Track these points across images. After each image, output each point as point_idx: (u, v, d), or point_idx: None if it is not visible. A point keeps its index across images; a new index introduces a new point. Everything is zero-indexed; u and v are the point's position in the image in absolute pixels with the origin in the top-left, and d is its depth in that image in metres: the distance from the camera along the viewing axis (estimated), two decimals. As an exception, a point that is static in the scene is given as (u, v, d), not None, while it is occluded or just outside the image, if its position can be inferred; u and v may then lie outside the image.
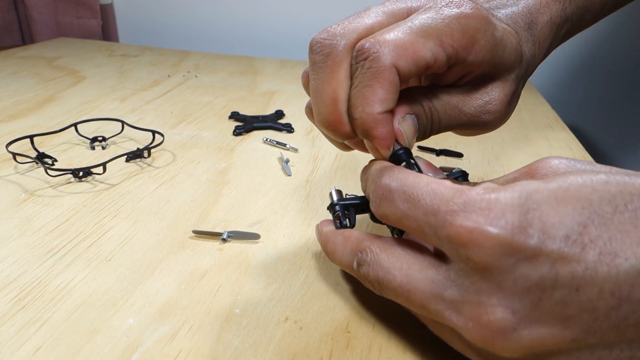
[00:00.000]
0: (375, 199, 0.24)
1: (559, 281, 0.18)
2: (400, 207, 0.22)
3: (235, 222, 0.37)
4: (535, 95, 0.75)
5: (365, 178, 0.27)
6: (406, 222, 0.22)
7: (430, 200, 0.21)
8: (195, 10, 1.02)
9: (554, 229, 0.18)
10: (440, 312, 0.21)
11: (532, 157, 0.51)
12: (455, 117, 0.29)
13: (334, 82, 0.26)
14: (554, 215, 0.18)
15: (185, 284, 0.30)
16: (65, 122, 0.54)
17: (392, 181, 0.23)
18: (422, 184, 0.22)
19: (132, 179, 0.43)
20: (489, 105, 0.29)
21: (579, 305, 0.18)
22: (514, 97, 0.31)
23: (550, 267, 0.18)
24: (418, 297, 0.22)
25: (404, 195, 0.22)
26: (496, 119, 0.30)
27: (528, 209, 0.19)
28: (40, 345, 0.25)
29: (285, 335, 0.26)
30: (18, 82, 0.69)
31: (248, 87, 0.72)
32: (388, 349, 0.26)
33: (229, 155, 0.49)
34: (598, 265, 0.18)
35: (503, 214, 0.19)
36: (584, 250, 0.18)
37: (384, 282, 0.23)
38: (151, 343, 0.25)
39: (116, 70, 0.77)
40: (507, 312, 0.19)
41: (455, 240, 0.19)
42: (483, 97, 0.29)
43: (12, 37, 1.01)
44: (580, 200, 0.19)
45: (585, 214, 0.18)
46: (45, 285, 0.29)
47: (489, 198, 0.19)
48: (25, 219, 0.36)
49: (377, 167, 0.26)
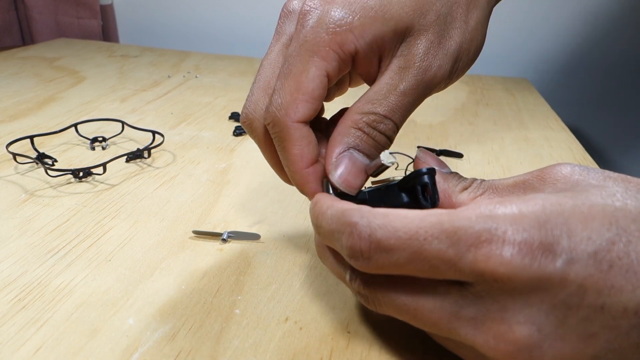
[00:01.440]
0: (359, 254, 0.21)
1: (585, 299, 0.18)
2: (403, 255, 0.20)
3: (235, 222, 0.37)
4: (535, 96, 0.75)
5: (324, 226, 0.23)
6: (413, 267, 0.20)
7: (440, 237, 0.19)
8: (195, 11, 1.02)
9: (582, 244, 0.18)
10: (455, 330, 0.20)
11: (532, 157, 0.51)
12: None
13: (270, 155, 0.29)
14: (582, 229, 0.18)
15: (185, 284, 0.30)
16: (66, 122, 0.54)
17: (375, 230, 0.20)
18: (417, 222, 0.19)
19: (132, 180, 0.43)
20: (425, 61, 0.26)
21: (602, 323, 0.18)
22: (445, 40, 0.27)
23: (578, 287, 0.18)
24: (427, 317, 0.21)
25: (402, 242, 0.19)
26: (435, 66, 0.27)
27: (555, 224, 0.18)
28: (41, 345, 0.25)
29: (285, 335, 0.26)
30: (18, 82, 0.69)
31: (248, 87, 0.72)
32: (388, 349, 0.26)
33: (229, 156, 0.49)
34: (624, 284, 0.17)
35: (530, 236, 0.18)
36: (611, 269, 0.18)
37: (384, 300, 0.22)
38: (151, 343, 0.25)
39: (116, 71, 0.77)
40: (533, 329, 0.18)
41: (483, 270, 0.18)
42: (416, 61, 0.26)
43: (12, 37, 1.01)
44: (607, 216, 0.18)
45: (613, 230, 0.18)
46: (45, 286, 0.29)
47: (512, 214, 0.18)
48: (25, 219, 0.36)
49: (335, 212, 0.22)
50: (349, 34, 0.25)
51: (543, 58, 0.92)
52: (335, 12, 0.25)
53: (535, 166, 0.49)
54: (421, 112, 0.64)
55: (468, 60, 0.28)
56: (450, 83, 0.29)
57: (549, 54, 0.92)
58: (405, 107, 0.26)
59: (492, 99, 0.72)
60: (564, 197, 0.19)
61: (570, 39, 0.90)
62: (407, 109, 0.26)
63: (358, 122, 0.26)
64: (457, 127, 0.60)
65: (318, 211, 0.23)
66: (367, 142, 0.26)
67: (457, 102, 0.69)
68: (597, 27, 0.89)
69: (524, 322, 0.19)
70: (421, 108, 0.65)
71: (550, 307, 0.18)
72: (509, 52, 0.91)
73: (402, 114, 0.26)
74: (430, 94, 0.28)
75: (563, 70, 0.93)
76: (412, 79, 0.26)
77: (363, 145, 0.26)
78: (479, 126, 0.60)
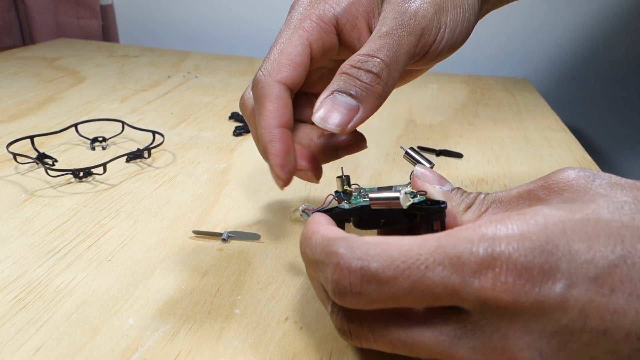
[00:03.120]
0: (347, 289, 0.19)
1: (587, 325, 0.17)
2: (402, 286, 0.18)
3: (235, 222, 0.37)
4: (535, 96, 0.75)
5: (307, 254, 0.22)
6: (412, 298, 0.19)
7: (444, 263, 0.18)
8: (195, 11, 1.02)
9: (583, 268, 0.17)
10: (455, 359, 0.20)
11: (532, 157, 0.51)
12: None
13: (253, 127, 0.30)
14: (584, 252, 0.18)
15: (185, 284, 0.30)
16: (66, 122, 0.54)
17: (368, 261, 0.19)
18: (416, 249, 0.18)
19: (132, 180, 0.43)
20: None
21: (605, 347, 0.18)
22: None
23: (579, 312, 0.17)
24: (425, 350, 0.20)
25: (401, 272, 0.18)
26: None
27: (556, 246, 0.18)
28: (41, 345, 0.25)
29: (285, 335, 0.26)
30: (18, 82, 0.69)
31: (248, 87, 0.72)
32: (388, 349, 0.26)
33: (229, 156, 0.49)
34: (627, 309, 0.17)
35: (531, 260, 0.18)
36: (613, 293, 0.17)
37: (374, 336, 0.21)
38: (151, 343, 0.25)
39: (116, 71, 0.77)
40: (535, 355, 0.18)
41: (488, 297, 0.18)
42: (395, 5, 0.27)
43: (13, 37, 1.01)
44: (612, 235, 0.18)
45: (618, 251, 0.18)
46: (45, 286, 0.29)
47: (513, 236, 0.18)
48: (25, 219, 0.36)
49: (320, 240, 0.21)
50: (325, 4, 0.27)
51: (543, 58, 0.92)
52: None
53: (535, 166, 0.49)
54: (421, 112, 0.64)
55: (457, 18, 0.28)
56: (449, 45, 0.28)
57: (549, 54, 0.92)
58: (389, 45, 0.26)
59: (492, 99, 0.72)
60: (569, 212, 0.19)
61: (570, 39, 0.90)
62: (393, 48, 0.26)
63: (343, 68, 0.26)
64: (457, 127, 0.60)
65: (303, 235, 0.22)
66: (349, 83, 0.26)
67: (457, 102, 0.69)
68: (597, 27, 0.89)
69: (525, 348, 0.18)
70: (421, 108, 0.66)
71: (551, 333, 0.18)
72: (509, 52, 0.91)
73: (389, 52, 0.26)
74: (420, 40, 0.27)
75: (563, 70, 0.93)
76: (391, 21, 0.26)
77: (346, 86, 0.26)
78: (479, 126, 0.60)
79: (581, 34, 0.89)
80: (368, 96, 0.26)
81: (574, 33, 0.89)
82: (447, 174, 0.46)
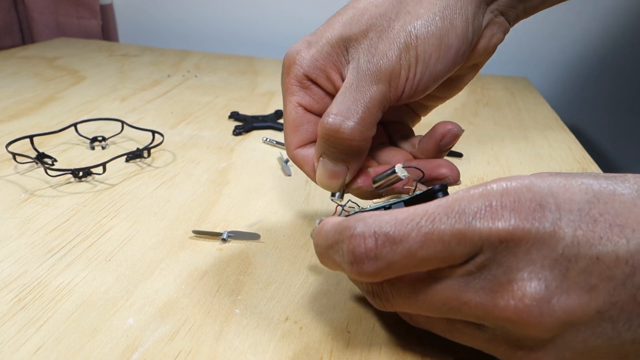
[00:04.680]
0: (364, 255, 0.21)
1: (580, 251, 0.19)
2: (415, 240, 0.20)
3: (235, 222, 0.37)
4: (535, 95, 0.75)
5: (320, 244, 0.23)
6: (425, 253, 0.20)
7: (448, 214, 0.20)
8: (195, 10, 1.02)
9: (566, 204, 0.20)
10: (466, 304, 0.21)
11: (532, 157, 0.51)
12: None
13: None
14: (563, 193, 0.20)
15: (185, 284, 0.30)
16: (65, 122, 0.54)
17: (381, 226, 0.21)
18: (421, 209, 0.21)
19: (132, 179, 0.43)
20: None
21: (600, 273, 0.19)
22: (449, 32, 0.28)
23: (572, 239, 0.19)
24: (437, 299, 0.21)
25: (411, 228, 0.20)
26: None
27: (540, 188, 0.20)
28: (41, 345, 0.25)
29: (285, 335, 0.26)
30: (18, 82, 0.69)
31: (248, 87, 0.72)
32: (388, 349, 0.26)
33: (229, 155, 0.49)
34: (610, 235, 0.19)
35: (522, 199, 0.20)
36: (596, 223, 0.19)
37: (392, 294, 0.23)
38: (151, 343, 0.25)
39: (116, 70, 0.77)
40: (541, 284, 0.19)
41: (490, 233, 0.20)
42: (359, 58, 0.28)
43: (13, 37, 1.01)
44: (582, 185, 0.21)
45: (590, 193, 0.20)
46: (45, 285, 0.29)
47: (503, 187, 0.20)
48: (25, 219, 0.36)
49: (331, 225, 0.23)
50: (295, 65, 0.30)
51: (543, 57, 0.92)
52: (290, 52, 0.30)
53: (535, 166, 0.49)
54: (421, 112, 0.64)
55: (429, 50, 0.28)
56: (433, 76, 0.28)
57: (549, 53, 0.92)
58: (362, 103, 0.27)
59: (492, 99, 0.72)
60: (543, 174, 0.21)
61: (570, 39, 0.90)
62: (365, 106, 0.27)
63: (319, 129, 0.28)
64: (457, 126, 0.60)
65: (316, 232, 0.24)
66: (329, 149, 0.28)
67: (457, 102, 0.69)
68: (597, 27, 0.89)
69: (530, 278, 0.19)
70: (421, 108, 0.65)
71: (551, 262, 0.19)
72: (509, 51, 0.91)
73: (357, 108, 0.27)
74: (391, 85, 0.28)
75: (563, 70, 0.93)
76: (358, 74, 0.28)
77: (328, 152, 0.29)
78: (479, 126, 0.60)
79: (581, 34, 0.89)
80: (350, 157, 0.29)
81: (575, 33, 0.89)
82: (447, 174, 0.46)
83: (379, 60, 0.27)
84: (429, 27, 0.28)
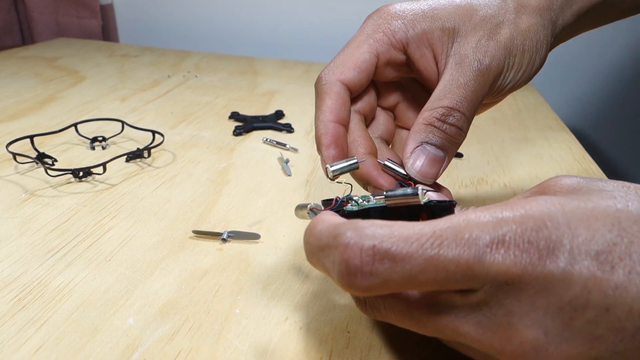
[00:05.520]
0: (357, 269, 0.19)
1: (590, 301, 0.18)
2: (417, 262, 0.19)
3: (235, 222, 0.37)
4: (535, 96, 0.75)
5: (310, 243, 0.22)
6: (424, 277, 0.19)
7: (458, 241, 0.19)
8: (195, 10, 1.02)
9: (584, 245, 0.18)
10: (461, 336, 0.20)
11: (532, 157, 0.51)
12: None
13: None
14: (584, 230, 0.18)
15: (185, 284, 0.30)
16: (66, 122, 0.54)
17: (381, 240, 0.19)
18: (429, 228, 0.19)
19: (132, 179, 0.43)
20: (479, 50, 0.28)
21: (608, 325, 0.18)
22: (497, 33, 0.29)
23: (582, 287, 0.18)
24: (431, 326, 0.21)
25: (415, 249, 0.19)
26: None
27: (557, 224, 0.19)
28: (41, 344, 0.25)
29: (285, 335, 0.26)
30: (18, 82, 0.69)
31: (248, 87, 0.72)
32: (388, 349, 0.26)
33: (229, 155, 0.49)
34: (627, 285, 0.18)
35: (535, 236, 0.18)
36: (613, 270, 0.18)
37: (385, 306, 0.22)
38: (151, 343, 0.25)
39: (116, 70, 0.77)
40: (540, 332, 0.18)
41: (497, 272, 0.18)
42: (468, 55, 0.28)
43: (13, 37, 1.01)
44: (609, 217, 0.19)
45: (615, 231, 0.18)
46: (45, 285, 0.29)
47: (519, 216, 0.19)
48: (25, 219, 0.36)
49: (325, 226, 0.21)
50: (401, 24, 0.29)
51: (543, 58, 0.92)
52: (392, 8, 0.29)
53: (535, 166, 0.49)
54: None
55: (522, 61, 0.29)
56: (513, 84, 0.30)
57: (549, 54, 0.91)
58: (469, 97, 0.28)
59: (492, 99, 0.72)
60: (566, 199, 0.20)
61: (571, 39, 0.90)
62: (471, 100, 0.28)
63: (428, 118, 0.28)
64: (457, 127, 0.60)
65: (308, 227, 0.22)
66: (438, 135, 0.28)
67: (457, 102, 0.69)
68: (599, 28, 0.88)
69: (530, 325, 0.19)
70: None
71: (556, 310, 0.18)
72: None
73: (469, 105, 0.28)
74: (491, 86, 0.29)
75: (564, 70, 0.93)
76: (468, 72, 0.28)
77: (434, 138, 0.27)
78: (479, 126, 0.60)
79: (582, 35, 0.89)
80: (452, 147, 0.28)
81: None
82: (447, 174, 0.46)
83: (491, 61, 0.28)
84: (527, 41, 0.29)
